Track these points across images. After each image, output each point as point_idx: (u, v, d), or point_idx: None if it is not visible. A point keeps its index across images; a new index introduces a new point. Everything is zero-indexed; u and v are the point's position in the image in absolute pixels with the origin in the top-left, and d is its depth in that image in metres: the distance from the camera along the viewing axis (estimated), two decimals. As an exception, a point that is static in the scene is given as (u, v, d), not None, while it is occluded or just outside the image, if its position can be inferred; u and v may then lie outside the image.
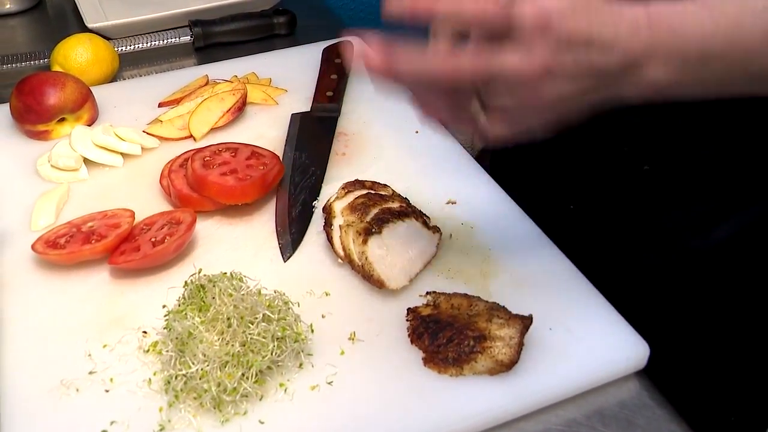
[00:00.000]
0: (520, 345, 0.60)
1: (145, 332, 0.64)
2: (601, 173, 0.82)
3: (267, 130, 0.89)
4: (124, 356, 0.63)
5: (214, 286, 0.61)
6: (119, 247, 0.71)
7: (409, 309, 0.65)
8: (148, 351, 0.63)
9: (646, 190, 0.79)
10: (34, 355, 0.64)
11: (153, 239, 0.71)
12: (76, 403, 0.60)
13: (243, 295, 0.61)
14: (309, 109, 0.92)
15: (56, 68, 0.98)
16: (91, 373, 0.62)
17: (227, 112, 0.89)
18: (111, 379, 0.61)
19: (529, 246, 0.73)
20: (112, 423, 0.58)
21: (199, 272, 0.63)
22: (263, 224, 0.76)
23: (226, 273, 0.63)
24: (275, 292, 0.64)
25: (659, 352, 0.65)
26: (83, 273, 0.71)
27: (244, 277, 0.63)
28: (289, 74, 1.00)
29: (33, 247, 0.71)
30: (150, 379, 0.61)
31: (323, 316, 0.66)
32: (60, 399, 0.60)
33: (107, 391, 0.60)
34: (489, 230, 0.74)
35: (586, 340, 0.63)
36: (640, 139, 0.77)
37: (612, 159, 0.80)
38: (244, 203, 0.76)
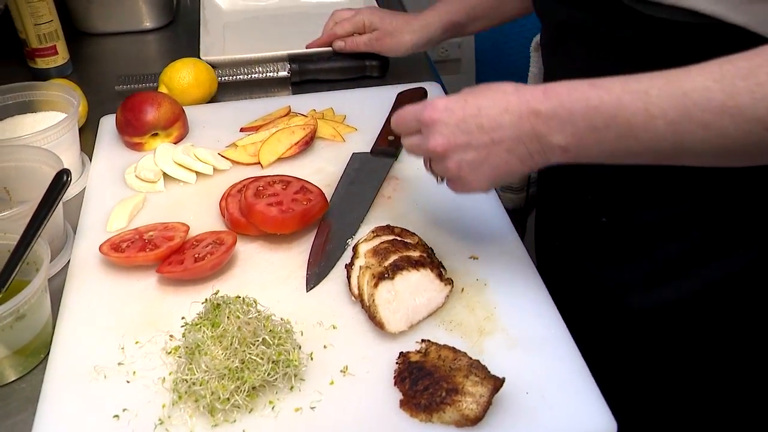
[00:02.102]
0: (488, 404, 0.65)
1: (171, 336, 0.74)
2: (565, 219, 0.91)
3: (327, 165, 0.98)
4: (149, 354, 0.73)
5: (227, 306, 0.69)
6: (169, 257, 0.82)
7: (401, 353, 0.71)
8: (169, 353, 0.72)
9: (602, 242, 0.85)
10: (79, 340, 0.75)
11: (196, 255, 0.80)
12: (102, 388, 0.70)
13: (250, 318, 0.69)
14: (369, 150, 0.99)
15: (162, 87, 1.11)
16: (119, 364, 0.72)
17: (295, 144, 0.98)
18: (134, 372, 0.71)
19: (533, 308, 0.76)
20: (123, 410, 0.67)
21: (217, 293, 0.72)
22: (299, 254, 0.84)
23: (239, 296, 0.71)
24: (282, 319, 0.72)
25: (627, 424, 0.68)
26: (136, 275, 0.82)
27: (256, 302, 0.71)
28: (364, 113, 1.08)
29: (100, 247, 0.83)
30: (164, 378, 0.70)
31: (325, 347, 0.73)
32: (89, 382, 0.70)
33: (128, 382, 0.70)
34: (500, 289, 0.79)
35: (557, 409, 0.67)
36: (602, 189, 0.83)
37: (576, 206, 0.89)
38: (283, 233, 0.84)
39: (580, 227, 0.90)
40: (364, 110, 1.08)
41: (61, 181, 0.75)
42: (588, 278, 0.90)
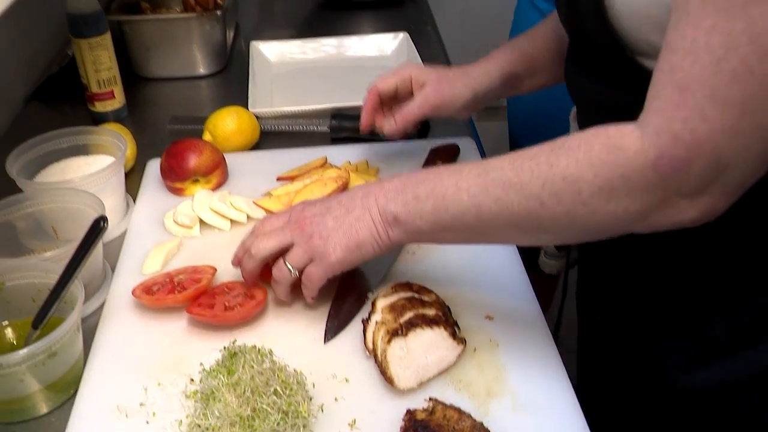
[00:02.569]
0: (487, 467, 0.66)
1: (192, 379, 0.78)
2: (607, 294, 0.91)
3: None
4: (170, 396, 0.76)
5: (243, 355, 0.73)
6: (199, 297, 0.85)
7: (408, 410, 0.73)
8: (188, 396, 0.76)
9: (644, 319, 0.84)
10: (107, 379, 0.79)
11: (226, 303, 0.84)
12: (122, 427, 0.73)
13: (264, 368, 0.72)
14: (398, 205, 1.02)
15: (206, 134, 1.16)
16: (141, 404, 0.76)
17: (327, 196, 1.01)
18: (153, 413, 0.75)
19: (543, 373, 0.78)
20: (140, 450, 0.71)
21: (234, 342, 0.75)
22: (320, 305, 0.87)
23: (255, 346, 0.74)
24: (295, 370, 0.74)
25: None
26: (167, 317, 0.86)
27: (272, 352, 0.74)
28: (397, 166, 1.11)
29: (132, 290, 0.87)
30: (181, 421, 0.73)
31: (336, 399, 0.75)
32: (112, 421, 0.74)
33: (147, 422, 0.74)
34: (512, 350, 0.80)
35: (556, 478, 0.68)
36: (645, 268, 0.83)
37: (618, 284, 0.89)
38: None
39: (622, 303, 0.90)
40: (397, 164, 1.12)
41: (98, 227, 0.80)
42: (630, 353, 0.90)
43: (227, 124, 1.15)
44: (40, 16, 1.42)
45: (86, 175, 0.97)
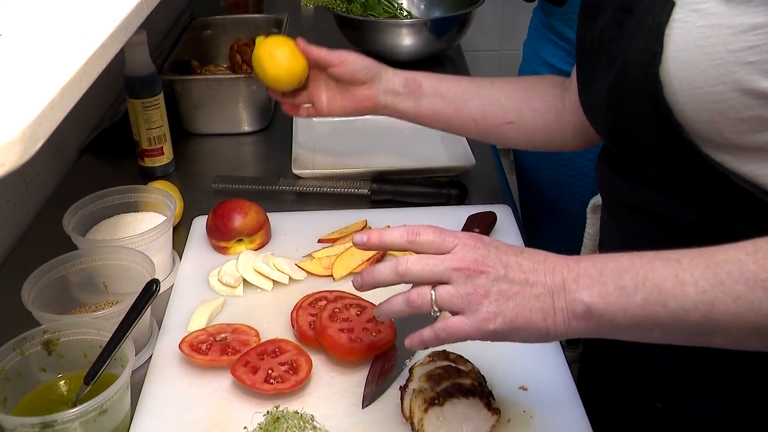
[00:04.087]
0: None
1: (234, 441, 0.80)
2: (618, 401, 0.87)
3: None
4: (212, 456, 0.79)
5: (285, 420, 0.75)
6: (243, 357, 0.88)
7: (443, 479, 0.75)
8: (231, 457, 0.78)
9: (654, 429, 0.82)
10: (151, 435, 0.82)
11: (270, 370, 0.86)
12: (166, 484, 0.76)
13: (304, 434, 0.74)
14: (436, 271, 1.04)
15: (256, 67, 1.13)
16: (183, 463, 0.79)
17: (367, 261, 1.05)
18: (196, 473, 0.77)
19: (576, 449, 0.79)
20: None
21: (277, 407, 0.78)
22: (360, 370, 0.89)
23: (297, 412, 0.77)
24: (334, 437, 0.77)
25: None
26: (210, 376, 0.89)
27: (314, 418, 0.77)
28: (435, 232, 1.14)
29: (180, 347, 0.90)
30: (223, 482, 0.76)
31: (372, 466, 0.77)
32: (156, 478, 0.77)
33: (190, 482, 0.77)
34: (544, 423, 0.82)
35: None
36: (659, 374, 0.82)
37: (629, 386, 0.86)
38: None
39: (631, 408, 0.88)
40: (435, 228, 1.14)
41: (150, 290, 0.84)
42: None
43: (279, 61, 1.09)
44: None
45: (137, 233, 1.01)
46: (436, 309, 0.68)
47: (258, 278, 1.03)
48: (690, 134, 0.68)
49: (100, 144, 1.45)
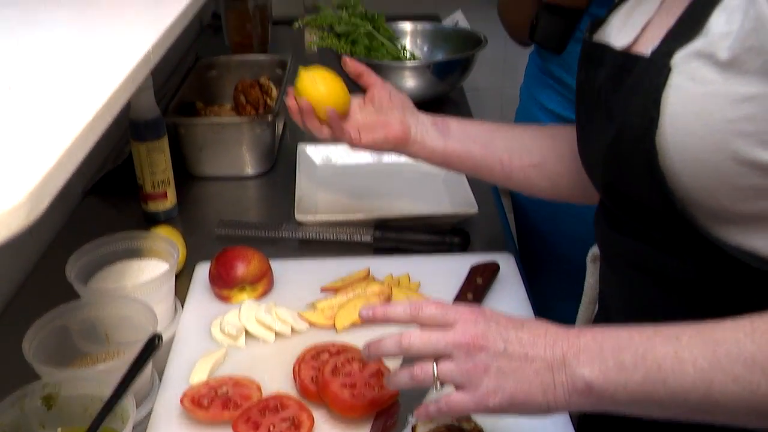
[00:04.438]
0: None
1: (234, 500, 0.79)
2: None
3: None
4: None
5: (286, 482, 0.74)
6: (245, 413, 0.87)
7: None
8: None
9: None
10: (151, 494, 0.81)
11: (272, 426, 0.85)
12: None
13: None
14: (439, 323, 1.04)
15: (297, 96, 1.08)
16: None
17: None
18: None
19: None
20: None
21: (277, 469, 0.77)
22: (362, 425, 0.89)
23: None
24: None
25: None
26: (212, 430, 0.88)
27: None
28: (438, 281, 1.14)
29: (182, 401, 0.90)
30: None
31: None
32: None
33: None
34: (549, 486, 0.81)
35: None
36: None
37: None
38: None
39: None
40: (438, 279, 1.14)
41: (152, 345, 0.84)
42: None
43: (320, 90, 1.06)
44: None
45: (140, 283, 1.01)
46: (439, 384, 0.70)
47: (260, 329, 1.02)
48: (683, 200, 0.68)
49: (105, 186, 1.46)
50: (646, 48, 0.72)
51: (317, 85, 1.06)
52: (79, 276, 1.03)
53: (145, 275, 1.06)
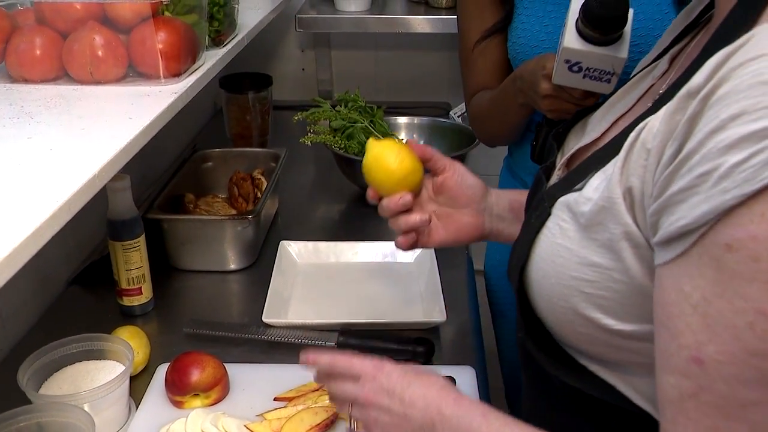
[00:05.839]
0: None
1: None
2: None
3: (342, 452, 1.02)
4: None
5: None
6: None
7: None
8: None
9: None
10: None
11: None
12: None
13: None
14: None
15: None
16: None
17: (315, 426, 1.04)
18: None
19: None
20: None
21: None
22: None
23: None
24: None
25: None
26: None
27: None
28: (394, 394, 1.13)
29: None
30: None
31: None
32: None
33: None
34: None
35: None
36: None
37: None
38: None
39: None
40: (394, 390, 1.13)
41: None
42: None
43: (391, 169, 0.99)
44: (90, 211, 1.53)
45: (89, 389, 1.02)
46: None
47: (204, 440, 1.02)
48: (554, 335, 0.73)
49: (88, 276, 1.49)
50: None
51: (384, 156, 0.98)
52: (34, 378, 1.05)
53: (101, 378, 1.08)
